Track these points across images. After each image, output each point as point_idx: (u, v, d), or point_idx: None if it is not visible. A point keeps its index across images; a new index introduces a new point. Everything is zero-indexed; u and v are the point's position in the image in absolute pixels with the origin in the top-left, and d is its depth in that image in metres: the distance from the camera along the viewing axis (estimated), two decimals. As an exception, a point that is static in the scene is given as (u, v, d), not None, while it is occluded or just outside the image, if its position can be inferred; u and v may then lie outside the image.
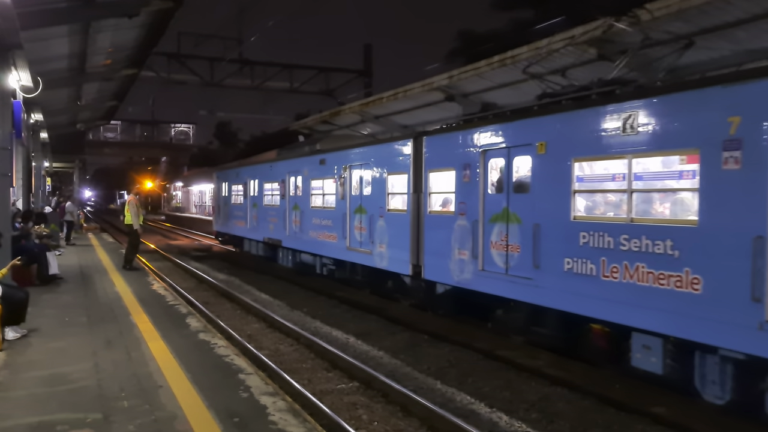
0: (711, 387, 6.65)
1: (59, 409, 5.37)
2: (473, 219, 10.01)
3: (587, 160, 8.00)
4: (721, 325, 6.24)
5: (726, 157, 6.22)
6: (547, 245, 8.45)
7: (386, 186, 12.66)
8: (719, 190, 6.31)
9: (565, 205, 8.11)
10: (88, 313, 9.72)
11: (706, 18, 8.18)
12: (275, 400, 5.75)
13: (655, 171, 7.45)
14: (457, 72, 12.49)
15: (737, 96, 6.17)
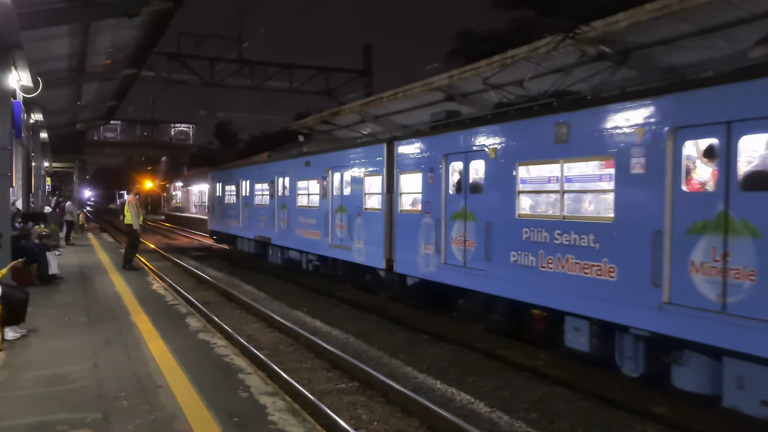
0: (627, 362, 7.64)
1: (59, 409, 5.37)
2: (437, 217, 10.98)
3: (529, 164, 9.06)
4: (631, 307, 7.26)
5: (633, 162, 7.26)
6: (497, 240, 9.48)
7: (364, 186, 13.62)
8: (629, 190, 7.35)
9: (511, 204, 9.18)
10: (87, 313, 9.72)
11: (699, 20, 8.21)
12: (275, 400, 5.75)
13: (581, 174, 8.41)
14: (457, 72, 12.49)
15: (642, 111, 7.18)
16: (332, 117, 19.07)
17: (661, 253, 6.86)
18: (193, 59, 29.25)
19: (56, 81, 15.00)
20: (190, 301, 13.21)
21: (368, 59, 32.23)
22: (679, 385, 7.01)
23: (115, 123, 64.63)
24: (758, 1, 7.63)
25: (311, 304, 14.14)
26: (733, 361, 6.25)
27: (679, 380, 6.99)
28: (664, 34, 8.82)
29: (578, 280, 7.95)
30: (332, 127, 19.99)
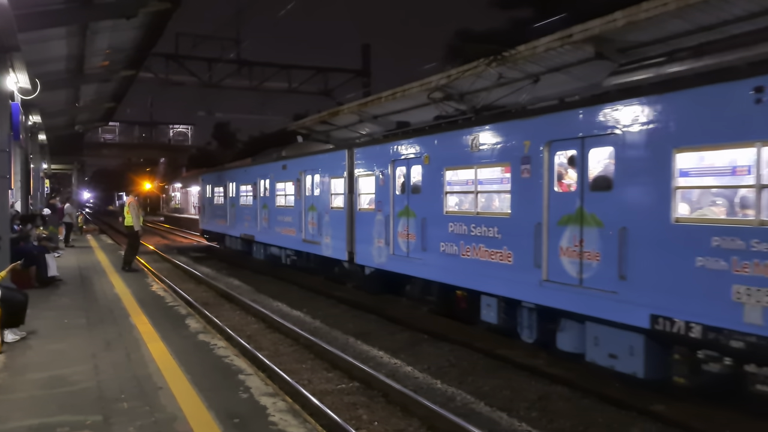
0: (525, 330, 9.38)
1: (59, 412, 5.37)
2: (386, 214, 12.74)
3: (453, 169, 10.75)
4: (522, 285, 9.03)
5: (522, 168, 9.02)
6: (431, 233, 11.21)
7: (330, 188, 15.40)
8: (520, 191, 9.13)
9: (440, 202, 10.90)
10: (87, 315, 9.71)
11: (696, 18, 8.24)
12: (275, 401, 5.75)
13: (489, 178, 10.23)
14: (456, 71, 12.47)
15: (527, 127, 9.06)
16: (331, 117, 19.04)
17: (541, 241, 8.69)
18: (191, 60, 29.24)
19: (54, 83, 15.00)
20: (190, 302, 13.22)
21: (366, 59, 32.23)
22: (560, 348, 8.69)
23: (114, 124, 64.58)
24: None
25: (311, 305, 14.14)
26: (591, 324, 7.99)
27: (561, 343, 8.72)
28: (661, 32, 8.82)
29: (487, 265, 9.79)
30: (331, 127, 19.96)
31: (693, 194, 7.11)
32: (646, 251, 7.15)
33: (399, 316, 12.26)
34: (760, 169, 6.07)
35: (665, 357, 7.14)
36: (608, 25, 8.83)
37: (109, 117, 29.65)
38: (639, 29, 8.76)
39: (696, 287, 6.57)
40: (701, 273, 6.51)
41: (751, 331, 6.06)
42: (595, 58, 9.82)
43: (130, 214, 15.93)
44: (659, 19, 8.31)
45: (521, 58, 9.97)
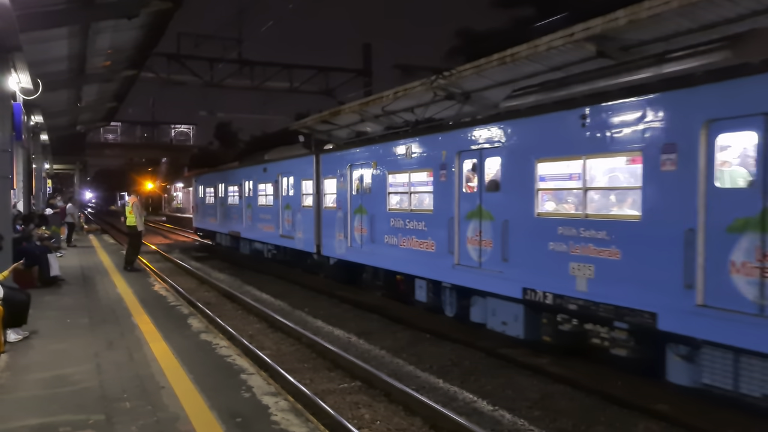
0: (447, 307, 11.22)
1: (61, 411, 5.38)
2: (345, 212, 14.52)
3: (393, 173, 12.64)
4: (441, 268, 10.92)
5: (441, 173, 10.97)
6: (378, 227, 13.05)
7: (302, 188, 17.33)
8: (440, 191, 11.02)
9: (385, 201, 12.84)
10: (89, 315, 9.73)
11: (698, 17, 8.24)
12: (277, 400, 5.75)
13: (418, 181, 11.99)
14: (457, 70, 12.47)
15: (444, 139, 10.99)
16: (332, 117, 19.02)
17: (453, 232, 10.60)
18: (193, 60, 29.23)
19: (56, 83, 15.00)
20: (192, 302, 13.22)
21: (368, 58, 32.21)
22: (472, 320, 10.49)
23: (116, 124, 64.67)
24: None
25: (312, 304, 14.14)
26: (490, 299, 9.89)
27: (473, 316, 10.46)
28: (664, 31, 8.81)
29: (418, 253, 11.65)
30: (332, 126, 19.97)
31: (547, 195, 9.00)
32: (519, 239, 9.08)
33: (401, 316, 12.27)
34: (585, 175, 8.08)
35: (538, 321, 9.04)
36: (610, 23, 8.81)
37: (111, 117, 29.65)
38: (641, 28, 8.75)
39: (549, 265, 8.47)
40: (552, 254, 8.42)
41: (580, 297, 8.03)
42: (596, 56, 9.82)
43: (132, 213, 15.94)
44: (661, 17, 8.29)
45: (458, 78, 11.64)
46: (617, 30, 8.93)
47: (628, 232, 7.42)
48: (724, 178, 6.55)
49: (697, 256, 6.55)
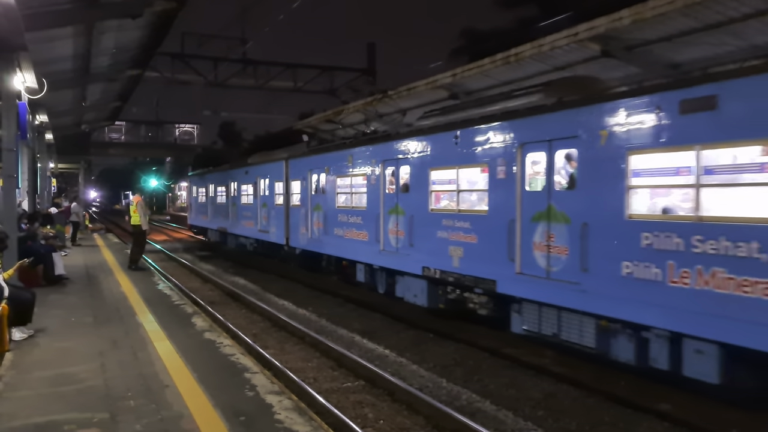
0: (379, 285, 13.42)
1: (66, 409, 5.40)
2: (306, 209, 16.88)
3: (341, 177, 14.91)
4: (372, 254, 13.21)
5: (371, 177, 13.30)
6: (329, 221, 15.45)
7: (275, 189, 19.49)
8: (371, 192, 13.35)
9: (334, 200, 15.21)
10: (94, 314, 9.76)
11: (703, 16, 8.22)
12: (281, 399, 5.76)
13: (357, 183, 14.14)
14: (461, 70, 12.47)
15: (374, 150, 13.21)
16: (336, 116, 19.06)
17: (379, 224, 12.91)
18: (197, 59, 29.27)
19: (61, 82, 15.04)
20: (196, 301, 13.25)
21: (372, 58, 32.21)
22: (397, 295, 12.49)
23: (120, 124, 64.56)
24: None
25: (316, 303, 14.16)
26: (406, 277, 12.15)
27: (397, 292, 12.52)
28: (668, 30, 8.79)
29: (357, 242, 13.91)
30: (336, 126, 19.98)
31: (438, 194, 11.39)
32: (420, 228, 11.55)
33: (404, 315, 12.27)
34: (458, 180, 10.72)
35: (436, 292, 11.42)
36: (614, 23, 8.80)
37: (115, 116, 29.71)
38: (646, 27, 8.73)
39: (437, 248, 10.96)
40: (439, 240, 10.91)
41: (455, 271, 10.52)
42: (601, 56, 9.80)
43: (136, 213, 15.98)
44: (666, 17, 8.28)
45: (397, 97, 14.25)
46: (622, 29, 8.92)
47: (481, 222, 9.99)
48: (530, 184, 9.02)
49: (516, 239, 9.15)
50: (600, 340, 7.86)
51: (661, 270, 6.89)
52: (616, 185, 7.45)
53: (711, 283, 6.37)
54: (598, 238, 7.69)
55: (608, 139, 7.58)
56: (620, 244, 7.39)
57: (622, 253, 7.36)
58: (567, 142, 8.26)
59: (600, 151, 7.68)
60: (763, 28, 8.22)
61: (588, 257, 7.83)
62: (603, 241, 7.63)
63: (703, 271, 6.45)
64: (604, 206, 7.64)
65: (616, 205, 7.43)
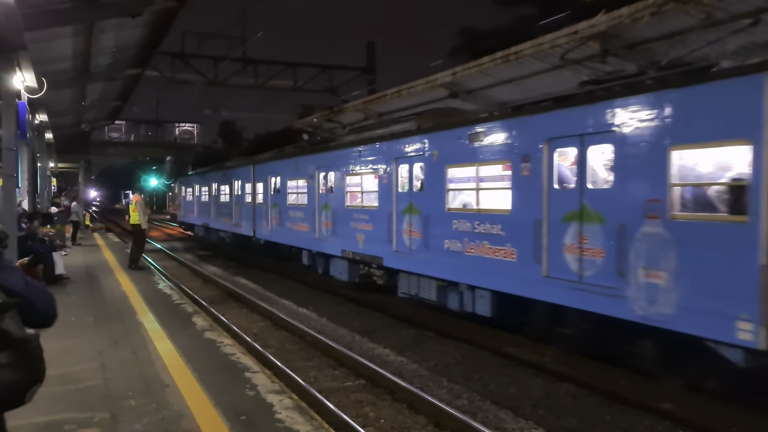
0: (319, 267, 16.19)
1: (66, 409, 5.39)
2: (267, 206, 19.92)
3: (292, 180, 17.93)
4: (312, 241, 16.16)
5: (310, 181, 16.27)
6: (283, 216, 18.56)
7: (245, 189, 22.48)
8: (309, 191, 16.38)
9: (286, 198, 18.35)
10: (94, 313, 9.75)
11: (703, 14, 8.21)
12: (282, 398, 5.76)
13: (302, 185, 17.19)
14: (461, 68, 12.46)
15: (311, 159, 16.36)
16: (336, 115, 19.08)
17: (314, 218, 15.97)
18: (197, 58, 29.29)
19: (60, 81, 15.02)
20: (196, 300, 13.24)
21: (371, 57, 32.20)
22: (332, 274, 15.34)
23: (120, 123, 64.55)
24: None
25: (317, 303, 14.15)
26: (334, 259, 15.15)
27: (331, 271, 15.39)
28: (668, 28, 8.78)
29: (302, 233, 16.96)
30: (336, 125, 19.98)
31: (352, 194, 14.32)
32: (340, 219, 14.58)
33: (404, 314, 12.27)
34: (362, 182, 13.77)
35: (356, 271, 14.28)
36: (614, 21, 8.80)
37: (115, 115, 29.71)
38: (645, 25, 8.72)
39: (350, 234, 13.96)
40: (352, 229, 13.91)
41: (361, 252, 13.55)
42: (600, 54, 9.79)
43: (136, 212, 15.97)
44: (666, 15, 8.27)
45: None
46: (621, 27, 8.91)
47: (373, 215, 13.20)
48: (403, 187, 12.18)
49: (393, 226, 12.39)
50: (439, 295, 11.20)
51: (462, 244, 10.29)
52: (441, 188, 10.88)
53: (482, 251, 9.85)
54: (435, 225, 11.06)
55: (437, 157, 10.98)
56: (443, 229, 10.80)
57: (445, 234, 10.74)
58: (419, 158, 11.61)
59: (433, 164, 11.12)
60: (764, 26, 8.20)
61: (429, 238, 11.22)
62: (437, 227, 11.02)
63: (479, 244, 9.91)
64: (435, 203, 11.04)
65: (441, 202, 10.87)
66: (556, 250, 8.34)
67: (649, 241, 7.01)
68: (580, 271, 7.95)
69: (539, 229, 8.59)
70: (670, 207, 6.78)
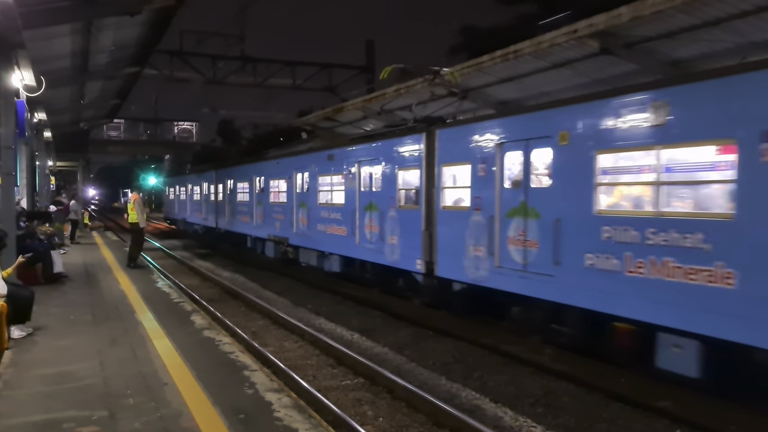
0: (258, 249, 21.74)
1: (65, 407, 5.39)
2: (225, 202, 24.84)
3: (240, 182, 22.88)
4: (252, 228, 21.80)
5: (252, 185, 21.80)
6: (235, 210, 23.63)
7: (211, 189, 27.23)
8: (251, 192, 21.96)
9: (236, 196, 23.38)
10: (93, 312, 9.75)
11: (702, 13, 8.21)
12: (280, 397, 5.76)
13: (246, 187, 22.17)
14: (460, 67, 12.47)
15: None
16: (335, 114, 19.09)
17: (253, 212, 21.33)
18: (196, 57, 29.24)
19: (59, 80, 15.00)
20: (195, 299, 13.23)
21: (371, 55, 32.18)
22: (265, 252, 20.60)
23: (119, 121, 64.35)
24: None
25: (316, 301, 14.15)
26: (267, 242, 20.47)
27: (266, 252, 20.34)
28: (667, 27, 8.79)
29: (246, 223, 21.80)
30: (335, 123, 20.00)
31: (275, 194, 18.67)
32: (267, 212, 19.01)
33: (403, 312, 12.27)
34: (279, 186, 19.02)
35: (279, 249, 18.74)
36: (614, 20, 8.80)
37: (114, 114, 29.68)
38: (645, 24, 8.73)
39: (272, 223, 19.18)
40: (273, 218, 18.97)
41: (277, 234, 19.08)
42: (600, 53, 9.80)
43: (134, 210, 15.96)
44: (665, 13, 8.28)
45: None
46: (621, 26, 8.91)
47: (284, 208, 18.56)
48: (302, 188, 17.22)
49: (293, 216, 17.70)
50: (318, 261, 16.53)
51: (325, 226, 15.80)
52: (315, 190, 16.44)
53: (331, 230, 15.51)
54: (313, 215, 16.49)
55: (314, 169, 16.53)
56: (316, 217, 16.20)
57: (318, 220, 16.11)
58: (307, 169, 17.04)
59: (313, 174, 16.66)
60: (762, 25, 8.21)
61: (311, 224, 16.55)
62: (314, 216, 16.38)
63: (330, 225, 15.63)
64: (314, 200, 16.41)
65: (315, 199, 16.41)
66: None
67: (392, 220, 12.61)
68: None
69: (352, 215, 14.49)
70: (398, 201, 12.45)
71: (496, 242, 9.41)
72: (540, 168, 8.84)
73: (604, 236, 7.51)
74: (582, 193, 7.84)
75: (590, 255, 7.72)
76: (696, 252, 6.47)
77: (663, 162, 6.92)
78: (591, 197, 7.73)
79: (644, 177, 7.29)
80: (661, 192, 6.94)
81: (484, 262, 9.72)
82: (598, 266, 7.61)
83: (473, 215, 10.08)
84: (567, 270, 8.11)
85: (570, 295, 8.06)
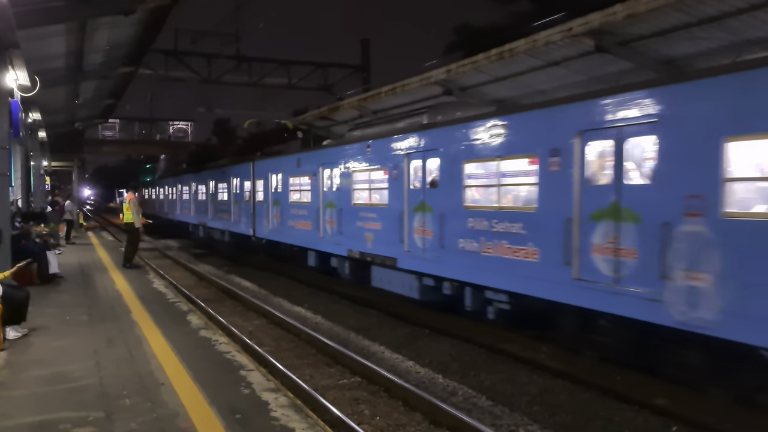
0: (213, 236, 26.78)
1: (61, 408, 5.38)
2: (201, 201, 27.94)
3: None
4: (230, 224, 23.82)
5: (231, 187, 23.57)
6: (212, 209, 26.38)
7: (191, 190, 30.61)
8: (231, 195, 23.62)
9: (216, 197, 25.72)
10: (88, 312, 9.72)
11: (697, 11, 8.23)
12: (277, 396, 5.76)
13: (223, 188, 24.58)
14: (455, 66, 12.45)
15: (233, 171, 23.59)
16: (331, 113, 19.05)
17: (230, 210, 23.55)
18: (191, 56, 29.17)
19: (54, 80, 14.95)
20: (191, 299, 13.21)
21: (366, 54, 32.14)
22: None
23: (114, 121, 64.19)
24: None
25: (312, 300, 14.15)
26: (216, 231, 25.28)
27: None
28: (662, 25, 8.80)
29: (225, 220, 24.00)
30: (331, 122, 19.97)
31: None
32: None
33: (400, 312, 12.27)
34: (256, 187, 20.72)
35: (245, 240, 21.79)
36: (608, 17, 8.80)
37: (108, 114, 29.60)
38: (639, 22, 8.73)
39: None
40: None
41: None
42: (595, 51, 9.80)
43: (129, 210, 15.93)
44: (660, 11, 8.28)
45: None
46: (616, 24, 8.92)
47: (259, 207, 20.03)
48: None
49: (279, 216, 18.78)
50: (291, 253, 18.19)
51: (294, 222, 17.12)
52: (287, 190, 17.90)
53: (299, 225, 16.83)
54: (284, 212, 17.97)
55: (283, 173, 18.25)
56: (284, 214, 17.99)
57: (288, 215, 17.51)
58: (278, 171, 18.61)
59: (284, 176, 18.12)
60: (756, 23, 8.23)
61: (284, 219, 17.94)
62: (284, 213, 17.91)
63: (298, 221, 16.89)
64: (285, 199, 17.98)
65: (286, 198, 17.92)
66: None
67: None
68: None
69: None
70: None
71: (404, 232, 11.71)
72: (433, 172, 10.99)
73: (469, 225, 9.89)
74: (456, 192, 10.20)
75: (461, 240, 10.09)
76: (519, 236, 8.97)
77: (501, 170, 9.48)
78: (461, 196, 10.10)
79: (491, 180, 9.87)
80: (500, 192, 9.55)
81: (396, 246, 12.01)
82: (466, 248, 9.98)
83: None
84: (448, 251, 10.43)
85: (450, 271, 10.50)
